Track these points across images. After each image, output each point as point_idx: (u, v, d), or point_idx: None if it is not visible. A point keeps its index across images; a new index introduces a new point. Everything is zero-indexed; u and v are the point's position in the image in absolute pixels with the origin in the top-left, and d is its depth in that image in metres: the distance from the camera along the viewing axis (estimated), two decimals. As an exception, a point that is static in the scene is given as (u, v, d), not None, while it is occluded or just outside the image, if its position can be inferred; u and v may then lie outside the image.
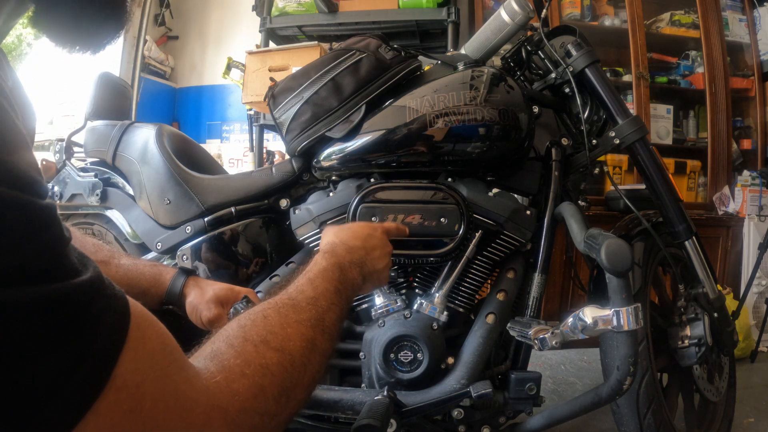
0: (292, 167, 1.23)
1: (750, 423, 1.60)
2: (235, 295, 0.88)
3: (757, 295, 2.40)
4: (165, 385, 0.34)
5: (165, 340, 0.37)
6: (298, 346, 0.48)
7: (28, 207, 0.26)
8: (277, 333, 0.47)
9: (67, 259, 0.28)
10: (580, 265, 1.58)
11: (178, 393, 0.35)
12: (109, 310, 0.31)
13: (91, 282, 0.30)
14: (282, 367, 0.45)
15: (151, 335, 0.35)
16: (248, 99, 2.38)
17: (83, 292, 0.28)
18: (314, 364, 0.49)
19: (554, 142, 1.19)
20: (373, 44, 1.16)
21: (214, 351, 0.43)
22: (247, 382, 0.41)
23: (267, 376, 0.43)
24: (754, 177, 2.52)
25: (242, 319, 0.48)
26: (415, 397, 1.05)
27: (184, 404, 0.35)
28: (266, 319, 0.49)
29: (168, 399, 0.34)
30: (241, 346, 0.44)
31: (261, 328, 0.47)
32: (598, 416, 1.56)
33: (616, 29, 2.55)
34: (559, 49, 1.22)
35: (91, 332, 0.29)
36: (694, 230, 1.23)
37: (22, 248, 0.25)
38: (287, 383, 0.45)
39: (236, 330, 0.46)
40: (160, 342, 0.36)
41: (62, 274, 0.27)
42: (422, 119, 1.08)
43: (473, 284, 1.15)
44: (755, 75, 2.63)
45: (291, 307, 0.52)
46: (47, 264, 0.27)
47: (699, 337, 1.25)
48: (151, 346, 0.34)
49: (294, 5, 2.46)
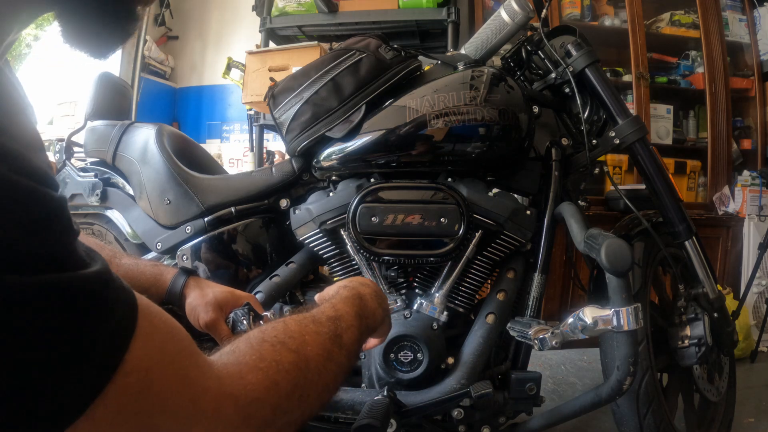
0: (292, 167, 1.23)
1: (750, 423, 1.60)
2: (236, 300, 0.87)
3: (757, 295, 2.40)
4: (174, 370, 0.35)
5: (174, 330, 0.38)
6: (315, 352, 0.49)
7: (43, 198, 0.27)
8: (295, 338, 0.49)
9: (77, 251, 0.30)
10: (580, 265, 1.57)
11: (188, 379, 0.36)
12: (118, 301, 0.32)
13: (101, 273, 0.31)
14: (297, 367, 0.46)
15: (160, 325, 0.36)
16: (248, 99, 2.38)
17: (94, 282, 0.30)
18: (329, 373, 0.50)
19: (554, 142, 1.19)
20: (373, 44, 1.16)
21: (232, 349, 0.45)
22: (260, 375, 0.42)
23: (281, 372, 0.44)
24: (754, 177, 2.51)
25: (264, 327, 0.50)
26: (415, 397, 1.05)
27: (194, 390, 0.36)
28: (286, 325, 0.50)
29: (178, 384, 0.35)
30: (259, 344, 0.45)
31: (280, 331, 0.48)
32: (598, 416, 1.56)
33: (616, 29, 2.54)
34: (559, 49, 1.22)
35: (102, 319, 0.30)
36: (694, 230, 1.23)
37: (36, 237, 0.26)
38: (301, 382, 0.46)
39: (256, 333, 0.48)
40: (169, 331, 0.37)
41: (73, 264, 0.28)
42: (422, 119, 1.08)
43: (473, 284, 1.15)
44: (755, 75, 2.63)
45: (311, 320, 0.53)
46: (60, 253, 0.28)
47: (699, 337, 1.24)
48: (160, 335, 0.35)
49: (294, 5, 2.46)
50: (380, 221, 1.08)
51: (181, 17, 3.60)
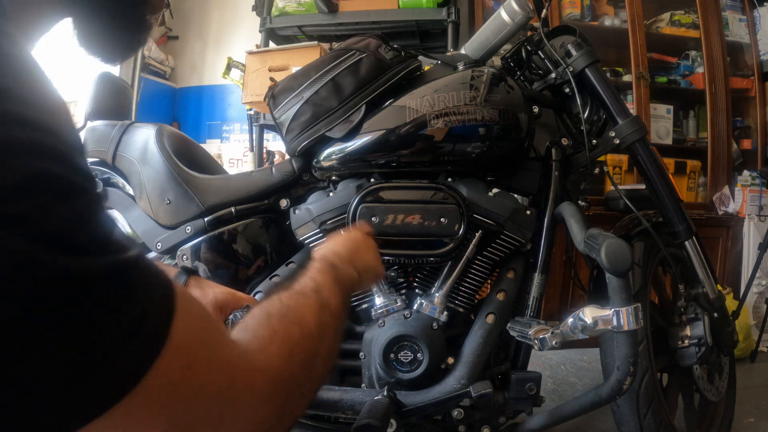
0: (292, 167, 1.23)
1: (750, 423, 1.60)
2: (236, 302, 0.88)
3: (757, 295, 2.40)
4: (213, 348, 0.37)
5: (204, 311, 0.40)
6: (312, 322, 0.52)
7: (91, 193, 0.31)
8: (293, 310, 0.52)
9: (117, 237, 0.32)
10: (580, 265, 1.57)
11: (224, 356, 0.38)
12: (158, 281, 0.34)
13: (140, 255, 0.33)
14: (303, 337, 0.48)
15: (194, 304, 0.38)
16: (248, 99, 2.38)
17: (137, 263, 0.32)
18: (328, 339, 0.53)
19: (554, 142, 1.20)
20: (373, 44, 1.16)
21: (243, 327, 0.47)
22: (276, 348, 0.44)
23: (292, 344, 0.46)
24: (754, 177, 2.51)
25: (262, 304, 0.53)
26: (415, 397, 1.05)
27: (230, 365, 0.38)
28: (281, 301, 0.53)
29: (216, 361, 0.37)
30: (266, 319, 0.48)
31: (279, 306, 0.51)
32: (598, 416, 1.56)
33: (616, 29, 2.54)
34: (559, 49, 1.22)
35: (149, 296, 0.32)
36: (694, 230, 1.23)
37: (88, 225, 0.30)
38: (309, 352, 0.48)
39: (258, 310, 0.51)
40: (202, 311, 0.39)
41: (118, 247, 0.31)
42: (422, 119, 1.08)
43: (473, 284, 1.15)
44: (755, 75, 2.62)
45: (298, 293, 0.56)
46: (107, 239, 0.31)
47: (699, 337, 1.25)
48: (196, 313, 0.37)
49: (294, 5, 2.46)
50: (380, 221, 1.08)
51: (181, 17, 3.60)
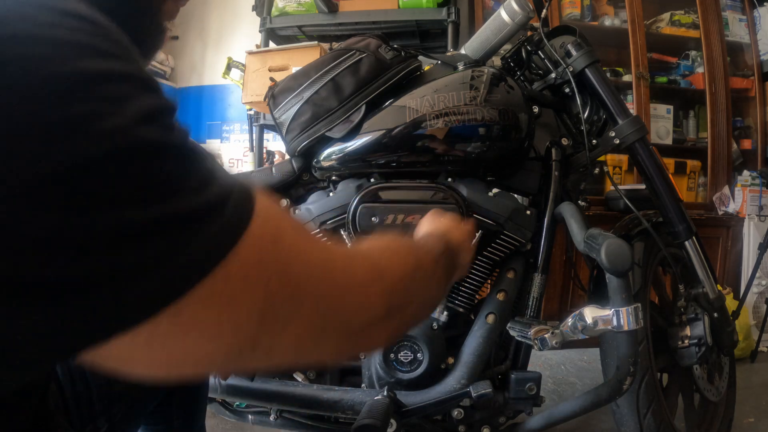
0: (292, 167, 1.23)
1: (750, 423, 1.60)
2: None
3: (757, 295, 2.40)
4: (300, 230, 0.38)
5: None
6: (425, 266, 0.54)
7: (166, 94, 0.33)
8: (410, 249, 0.54)
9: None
10: (580, 265, 1.58)
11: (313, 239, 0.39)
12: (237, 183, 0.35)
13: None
14: (414, 268, 0.50)
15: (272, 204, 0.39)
16: (248, 99, 2.38)
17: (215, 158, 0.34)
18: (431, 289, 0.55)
19: (554, 142, 1.19)
20: (373, 44, 1.16)
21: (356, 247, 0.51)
22: (395, 262, 0.47)
23: (407, 269, 0.48)
24: (754, 177, 2.51)
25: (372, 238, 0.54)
26: (415, 397, 1.05)
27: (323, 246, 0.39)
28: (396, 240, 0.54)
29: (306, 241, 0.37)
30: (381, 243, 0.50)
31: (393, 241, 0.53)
32: (598, 416, 1.56)
33: (616, 29, 2.54)
34: (559, 49, 1.22)
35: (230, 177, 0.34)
36: (694, 230, 1.23)
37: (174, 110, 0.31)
38: (415, 285, 0.49)
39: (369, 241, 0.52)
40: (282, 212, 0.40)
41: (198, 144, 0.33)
42: (422, 119, 1.08)
43: (473, 284, 1.14)
44: (755, 75, 2.62)
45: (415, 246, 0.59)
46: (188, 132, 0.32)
47: (699, 337, 1.25)
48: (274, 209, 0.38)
49: (294, 5, 2.46)
50: (380, 221, 1.08)
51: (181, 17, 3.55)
